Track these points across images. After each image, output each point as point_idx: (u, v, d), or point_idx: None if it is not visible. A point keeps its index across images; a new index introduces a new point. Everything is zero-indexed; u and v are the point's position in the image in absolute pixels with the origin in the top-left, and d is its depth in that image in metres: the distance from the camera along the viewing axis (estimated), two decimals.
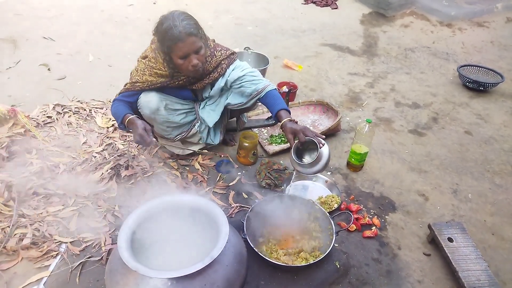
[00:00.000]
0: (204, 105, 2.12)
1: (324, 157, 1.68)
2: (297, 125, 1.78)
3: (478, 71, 3.50)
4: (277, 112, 1.87)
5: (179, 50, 1.75)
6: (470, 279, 1.58)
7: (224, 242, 1.22)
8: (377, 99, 3.13)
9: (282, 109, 1.86)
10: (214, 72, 1.97)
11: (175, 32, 1.70)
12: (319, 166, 1.69)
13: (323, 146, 1.68)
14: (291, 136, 1.76)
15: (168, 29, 1.71)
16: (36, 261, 1.60)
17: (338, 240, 1.81)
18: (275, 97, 1.93)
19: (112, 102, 1.96)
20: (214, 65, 1.95)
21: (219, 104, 2.10)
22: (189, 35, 1.72)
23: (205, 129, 2.19)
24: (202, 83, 1.98)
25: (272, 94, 1.94)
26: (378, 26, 4.61)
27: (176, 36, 1.70)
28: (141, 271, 1.12)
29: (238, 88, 1.99)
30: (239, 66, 2.00)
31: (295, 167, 1.76)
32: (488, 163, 2.46)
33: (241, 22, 4.41)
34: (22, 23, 3.88)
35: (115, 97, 1.97)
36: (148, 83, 1.90)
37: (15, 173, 1.98)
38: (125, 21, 4.21)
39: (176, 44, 1.72)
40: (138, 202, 1.90)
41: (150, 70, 1.89)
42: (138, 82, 1.91)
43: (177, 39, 1.71)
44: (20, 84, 2.91)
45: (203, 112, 2.11)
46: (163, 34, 1.74)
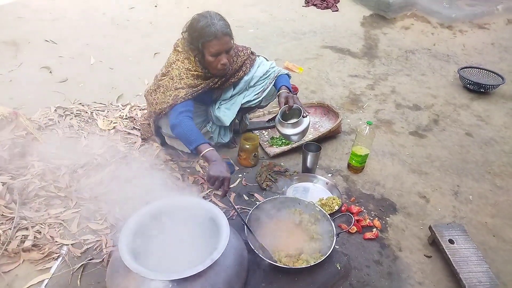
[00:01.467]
0: (219, 104, 2.16)
1: (304, 124, 1.96)
2: (292, 95, 2.00)
3: (479, 73, 3.51)
4: (280, 86, 2.09)
5: (213, 47, 1.84)
6: (471, 281, 1.58)
7: (225, 244, 1.22)
8: (377, 101, 3.14)
9: (284, 85, 2.09)
10: (239, 71, 2.09)
11: (213, 29, 1.80)
12: (298, 129, 1.96)
13: (306, 116, 1.96)
14: (283, 100, 1.98)
15: (206, 26, 1.81)
16: (38, 263, 1.60)
17: (339, 242, 1.81)
18: (284, 78, 2.16)
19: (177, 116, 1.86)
20: (240, 64, 2.08)
21: (235, 103, 2.16)
22: (225, 34, 1.84)
23: (216, 128, 2.25)
24: (229, 82, 2.08)
25: (282, 77, 2.17)
26: (379, 28, 4.62)
27: (213, 33, 1.80)
28: (142, 273, 1.12)
29: (265, 79, 2.16)
30: (263, 62, 2.19)
31: (278, 125, 2.01)
32: (489, 164, 2.46)
33: (242, 25, 4.42)
34: (24, 26, 3.90)
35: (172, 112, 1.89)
36: (189, 88, 1.92)
37: (16, 175, 1.99)
38: (127, 24, 4.23)
39: (211, 41, 1.82)
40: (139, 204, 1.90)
41: (186, 72, 1.94)
42: (179, 89, 1.92)
43: (213, 36, 1.80)
44: (22, 86, 2.92)
45: (219, 112, 2.15)
46: (199, 31, 1.83)
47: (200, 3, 4.87)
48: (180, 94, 1.91)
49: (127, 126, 2.50)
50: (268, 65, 2.17)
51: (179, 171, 2.18)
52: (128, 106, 2.71)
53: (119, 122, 2.53)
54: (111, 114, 2.63)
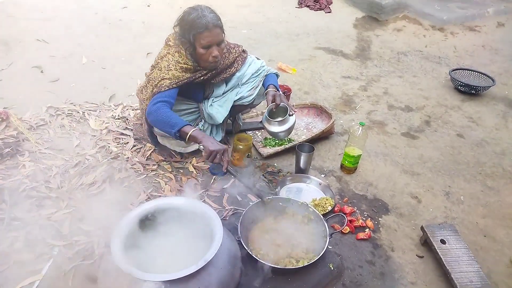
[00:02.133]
0: (211, 102, 2.16)
1: (290, 122, 2.03)
2: (279, 94, 2.05)
3: (470, 74, 3.55)
4: (268, 85, 2.13)
5: (203, 39, 1.85)
6: (462, 281, 1.59)
7: (218, 244, 1.22)
8: (370, 102, 3.16)
9: (272, 84, 2.14)
10: (231, 67, 2.11)
11: (204, 21, 1.82)
12: (284, 127, 2.02)
13: (293, 115, 2.03)
14: (270, 98, 2.04)
15: (197, 18, 1.82)
16: (29, 264, 1.58)
17: (332, 242, 1.81)
18: (272, 77, 2.21)
19: (153, 106, 1.85)
20: (231, 60, 2.10)
21: (227, 100, 2.16)
22: (216, 26, 1.85)
23: (208, 127, 2.23)
24: (220, 77, 2.08)
25: (271, 75, 2.22)
26: (371, 30, 4.65)
27: (204, 25, 1.82)
28: (134, 274, 1.12)
29: (256, 77, 2.19)
30: (254, 61, 2.22)
31: (265, 123, 2.07)
32: (480, 165, 2.48)
33: (235, 26, 4.41)
34: (15, 25, 3.86)
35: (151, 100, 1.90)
36: (175, 79, 1.92)
37: (7, 175, 1.97)
38: (119, 24, 4.20)
39: (202, 32, 1.83)
40: (132, 205, 1.89)
41: (175, 65, 1.94)
42: (165, 79, 1.92)
43: (204, 27, 1.82)
44: (13, 86, 2.89)
45: (211, 109, 2.14)
46: (190, 23, 1.84)
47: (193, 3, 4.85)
48: (164, 83, 1.91)
49: (119, 126, 2.48)
50: (259, 64, 2.21)
51: (172, 171, 2.17)
52: (120, 106, 2.70)
53: (111, 122, 2.51)
54: (103, 114, 2.61)
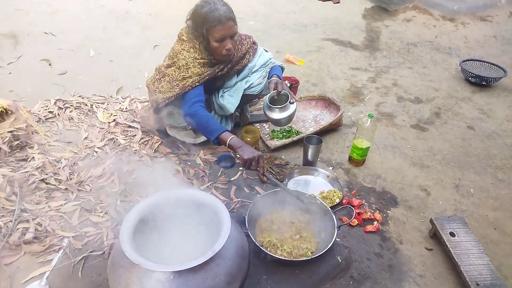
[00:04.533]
0: (222, 93, 2.16)
1: (290, 109, 2.01)
2: (279, 80, 2.06)
3: (481, 65, 3.49)
4: (272, 75, 2.13)
5: (217, 33, 1.83)
6: (472, 274, 1.58)
7: (226, 236, 1.22)
8: (379, 94, 3.12)
9: (276, 74, 2.13)
10: (243, 58, 2.10)
11: (217, 14, 1.79)
12: (284, 114, 2.01)
13: (293, 103, 2.01)
14: (273, 86, 2.04)
15: (210, 12, 1.80)
16: (39, 255, 1.60)
17: (340, 234, 1.81)
18: (276, 69, 2.21)
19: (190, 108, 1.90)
20: (244, 51, 2.08)
21: (238, 89, 2.15)
22: (229, 19, 1.83)
23: (218, 118, 2.23)
24: (234, 70, 2.08)
25: (275, 67, 2.22)
26: (381, 21, 4.59)
27: (217, 18, 1.80)
28: (143, 264, 1.12)
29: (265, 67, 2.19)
30: (263, 53, 2.21)
31: (265, 110, 2.07)
32: (490, 158, 2.45)
33: (242, 17, 4.38)
34: (23, 19, 3.88)
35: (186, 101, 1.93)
36: (196, 76, 1.93)
37: (17, 168, 1.99)
38: (126, 16, 4.20)
39: (216, 26, 1.81)
40: (140, 196, 1.90)
41: (193, 61, 1.94)
42: (186, 78, 1.93)
43: (217, 21, 1.80)
44: (22, 79, 2.91)
45: (222, 100, 2.14)
46: (203, 17, 1.82)
47: None
48: (187, 83, 1.93)
49: (127, 118, 2.49)
50: (268, 56, 2.21)
51: (180, 164, 2.17)
52: (128, 99, 2.70)
53: (119, 115, 2.52)
54: (111, 106, 2.62)
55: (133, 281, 1.17)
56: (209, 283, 1.17)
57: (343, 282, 1.60)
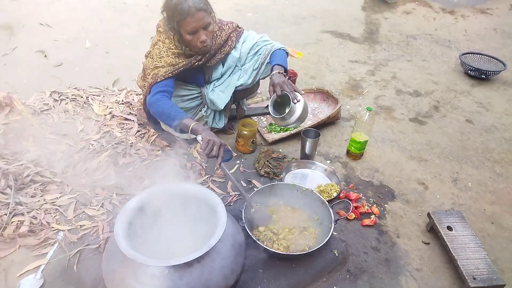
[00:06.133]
0: (213, 87, 2.10)
1: (297, 111, 1.79)
2: (279, 79, 1.83)
3: (481, 59, 3.46)
4: (273, 66, 1.94)
5: (187, 25, 1.76)
6: (469, 268, 1.58)
7: (222, 230, 1.21)
8: (378, 87, 3.10)
9: (277, 64, 1.94)
10: (225, 45, 2.00)
11: (185, 6, 1.71)
12: (293, 118, 1.81)
13: (298, 101, 1.78)
14: (271, 88, 1.84)
15: (178, 4, 1.72)
16: (34, 248, 1.59)
17: (337, 228, 1.80)
18: (278, 55, 2.01)
19: (153, 97, 1.82)
20: (224, 38, 1.98)
21: (229, 85, 2.09)
22: (199, 10, 1.74)
23: (211, 113, 2.19)
24: (215, 59, 2.00)
25: (277, 53, 2.02)
26: (380, 13, 4.55)
27: (185, 10, 1.71)
28: (138, 259, 1.11)
29: (255, 55, 2.04)
30: (250, 36, 2.07)
31: (272, 118, 1.88)
32: (488, 151, 2.44)
33: (240, 9, 4.34)
34: (18, 9, 3.82)
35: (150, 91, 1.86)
36: (169, 66, 1.87)
37: (11, 160, 1.97)
38: (123, 8, 4.15)
39: (185, 19, 1.74)
40: (136, 190, 1.89)
41: (167, 51, 1.88)
42: (158, 67, 1.87)
43: (186, 13, 1.72)
44: (17, 71, 2.87)
45: (212, 94, 2.08)
46: (172, 9, 1.75)
47: None
48: (159, 72, 1.87)
49: (123, 111, 2.46)
50: (256, 39, 2.06)
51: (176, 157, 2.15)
52: (124, 91, 2.67)
53: (115, 107, 2.49)
54: (107, 99, 2.59)
55: (128, 276, 1.16)
56: (205, 277, 1.16)
57: (339, 275, 1.60)
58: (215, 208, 1.32)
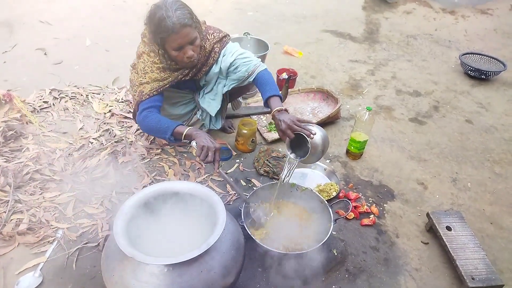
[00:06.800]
0: (203, 94, 2.07)
1: (318, 147, 1.61)
2: (285, 119, 1.64)
3: (481, 59, 3.46)
4: (266, 99, 1.82)
5: (173, 42, 1.66)
6: (467, 268, 1.58)
7: (221, 229, 1.21)
8: (377, 86, 3.10)
9: (271, 96, 1.81)
10: (209, 58, 1.90)
11: (169, 23, 1.60)
12: (316, 156, 1.64)
13: (314, 135, 1.58)
14: (281, 134, 1.67)
15: (161, 20, 1.61)
16: (33, 246, 1.59)
17: (336, 228, 1.80)
18: (265, 81, 1.88)
19: (140, 115, 1.79)
20: (209, 49, 1.88)
21: (217, 93, 2.02)
22: (184, 26, 1.63)
23: (207, 116, 2.16)
24: (201, 72, 1.92)
25: (262, 77, 1.89)
26: (380, 13, 4.55)
27: (169, 27, 1.61)
28: (137, 257, 1.11)
29: (235, 73, 1.94)
30: (229, 51, 1.93)
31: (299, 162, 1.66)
32: (488, 152, 2.44)
33: (241, 7, 4.33)
34: (18, 7, 3.82)
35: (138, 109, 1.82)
36: (155, 83, 1.80)
37: (11, 158, 1.97)
38: (123, 6, 4.14)
39: (169, 36, 1.64)
40: (135, 188, 1.89)
41: (151, 66, 1.80)
42: (143, 84, 1.81)
43: (170, 30, 1.62)
44: (17, 68, 2.87)
45: (203, 102, 2.05)
46: (156, 25, 1.64)
47: None
48: (145, 90, 1.80)
49: (123, 109, 2.46)
50: (234, 56, 1.91)
51: (176, 155, 2.15)
52: (124, 89, 2.67)
53: (114, 106, 2.49)
54: (106, 97, 2.59)
55: (127, 274, 1.16)
56: (204, 276, 1.16)
57: (338, 275, 1.60)
58: (214, 207, 1.32)
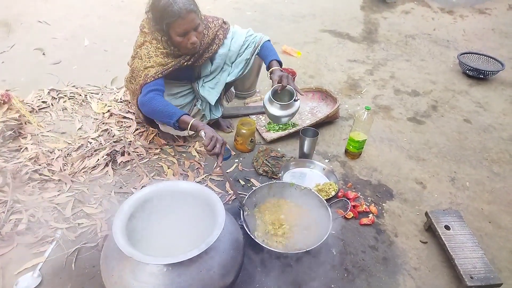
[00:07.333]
0: (203, 83, 2.09)
1: (294, 108, 1.90)
2: (285, 74, 1.92)
3: (479, 58, 3.47)
4: (270, 61, 2.01)
5: (178, 27, 1.73)
6: (466, 267, 1.58)
7: (220, 229, 1.21)
8: (376, 86, 3.10)
9: (274, 60, 2.02)
10: (212, 44, 1.97)
11: (175, 8, 1.67)
12: (287, 112, 1.90)
13: (297, 100, 1.89)
14: (277, 78, 1.91)
15: (167, 6, 1.68)
16: (32, 246, 1.59)
17: (335, 227, 1.80)
18: (269, 48, 2.09)
19: (145, 96, 1.80)
20: (211, 37, 1.95)
21: (219, 82, 2.08)
22: (189, 11, 1.70)
23: (206, 106, 2.18)
24: (203, 58, 1.98)
25: (266, 46, 2.09)
26: (379, 12, 4.55)
27: (176, 12, 1.68)
28: (136, 257, 1.11)
29: (245, 52, 2.06)
30: (236, 33, 2.06)
31: (266, 104, 1.93)
32: (486, 151, 2.45)
33: (239, 7, 4.33)
34: (16, 6, 3.81)
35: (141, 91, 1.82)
36: (158, 66, 1.84)
37: (9, 158, 1.97)
38: (121, 5, 4.14)
39: (175, 21, 1.70)
40: (134, 188, 1.89)
41: (155, 51, 1.85)
42: (148, 67, 1.84)
43: (177, 15, 1.68)
44: (15, 68, 2.86)
45: (203, 91, 2.08)
46: (161, 11, 1.70)
47: None
48: (149, 73, 1.83)
49: (121, 109, 2.46)
50: (244, 35, 2.06)
51: (175, 155, 2.15)
52: (122, 89, 2.67)
53: (113, 106, 2.49)
54: (105, 97, 2.59)
55: (126, 274, 1.16)
56: (203, 275, 1.17)
57: (337, 274, 1.61)
58: (213, 207, 1.32)
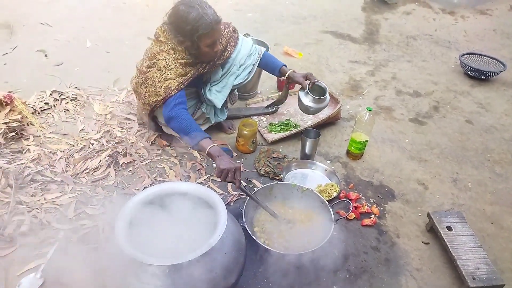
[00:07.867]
0: (209, 86, 2.11)
1: (325, 102, 2.12)
2: (309, 72, 2.11)
3: (480, 59, 3.47)
4: (280, 67, 2.14)
5: (209, 38, 1.79)
6: (468, 268, 1.58)
7: (222, 230, 1.21)
8: (378, 87, 3.10)
9: (283, 65, 2.16)
10: (225, 51, 2.02)
11: (208, 21, 1.74)
12: (320, 105, 2.10)
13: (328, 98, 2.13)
14: (302, 79, 2.07)
15: (199, 18, 1.73)
16: (34, 248, 1.59)
17: (337, 228, 1.80)
18: (272, 56, 2.21)
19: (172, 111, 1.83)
20: (225, 44, 2.01)
21: (226, 85, 2.10)
22: (218, 22, 1.79)
23: (211, 109, 2.20)
24: (216, 65, 2.02)
25: (268, 54, 2.20)
26: (380, 13, 4.55)
27: (209, 25, 1.74)
28: (138, 258, 1.11)
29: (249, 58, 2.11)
30: (244, 39, 2.13)
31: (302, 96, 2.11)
32: (488, 152, 2.44)
33: (240, 8, 4.34)
34: (18, 8, 3.82)
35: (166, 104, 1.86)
36: (179, 77, 1.87)
37: (12, 159, 1.97)
38: (123, 7, 4.14)
39: (208, 32, 1.76)
40: (136, 189, 1.89)
41: (174, 61, 1.86)
42: (169, 79, 1.86)
43: (210, 27, 1.75)
44: (17, 70, 2.87)
45: (210, 94, 2.10)
46: (192, 24, 1.74)
47: None
48: (172, 85, 1.85)
49: (123, 110, 2.46)
50: (250, 44, 2.14)
51: (176, 156, 2.16)
52: (124, 91, 2.68)
53: (115, 107, 2.49)
54: (107, 98, 2.59)
55: (129, 275, 1.16)
56: (205, 276, 1.17)
57: (339, 275, 1.61)
58: (215, 208, 1.32)
